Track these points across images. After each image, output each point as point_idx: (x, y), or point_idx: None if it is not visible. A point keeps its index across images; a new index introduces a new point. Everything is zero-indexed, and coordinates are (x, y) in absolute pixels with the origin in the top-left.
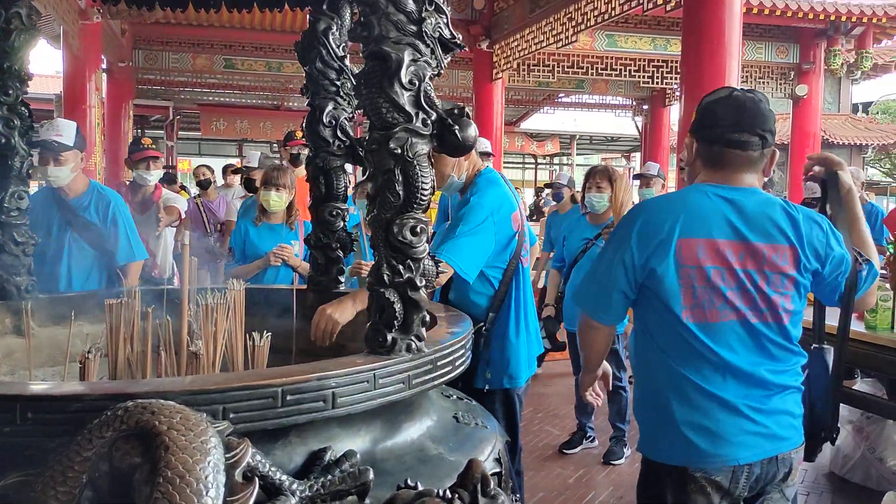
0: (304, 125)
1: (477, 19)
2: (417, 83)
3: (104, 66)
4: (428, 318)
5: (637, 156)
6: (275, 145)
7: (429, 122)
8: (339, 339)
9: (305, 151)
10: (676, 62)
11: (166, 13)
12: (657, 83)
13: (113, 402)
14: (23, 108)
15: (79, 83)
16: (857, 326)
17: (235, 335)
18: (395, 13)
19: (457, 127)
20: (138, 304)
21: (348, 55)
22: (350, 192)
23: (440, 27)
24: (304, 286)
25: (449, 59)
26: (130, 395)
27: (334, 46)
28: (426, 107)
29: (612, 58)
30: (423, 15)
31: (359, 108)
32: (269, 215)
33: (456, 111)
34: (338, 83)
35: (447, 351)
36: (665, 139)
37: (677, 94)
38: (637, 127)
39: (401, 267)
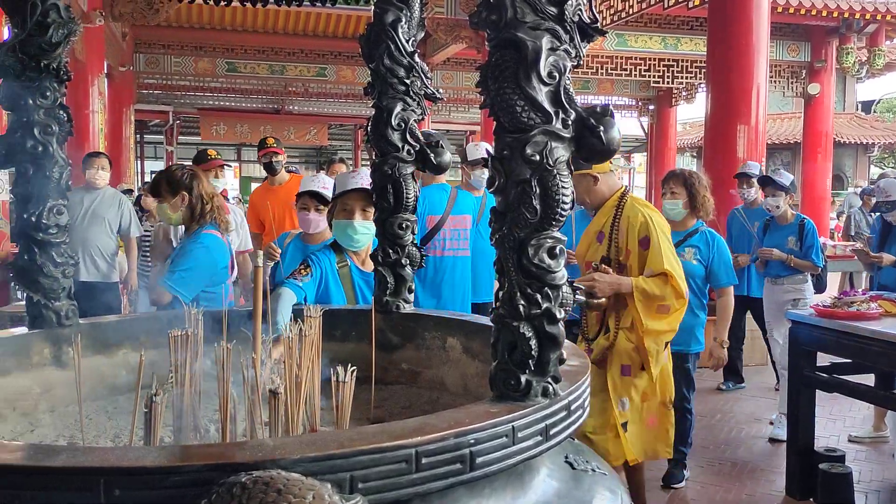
0: (368, 128)
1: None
2: (557, 76)
3: (105, 70)
4: (565, 356)
5: (637, 156)
6: None
7: (569, 122)
8: (405, 365)
9: (279, 158)
10: (686, 61)
11: (168, 16)
12: (667, 82)
13: (219, 473)
14: (62, 113)
15: (81, 88)
16: None
17: (313, 368)
18: None
19: (601, 128)
20: (202, 334)
21: (418, 51)
22: None
23: (580, 10)
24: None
25: (586, 48)
26: (239, 464)
27: (403, 41)
28: (566, 105)
29: (622, 57)
30: None
31: (483, 107)
32: None
33: (599, 109)
34: (407, 82)
35: (581, 390)
36: (672, 139)
37: (684, 93)
38: (642, 127)
39: (538, 296)
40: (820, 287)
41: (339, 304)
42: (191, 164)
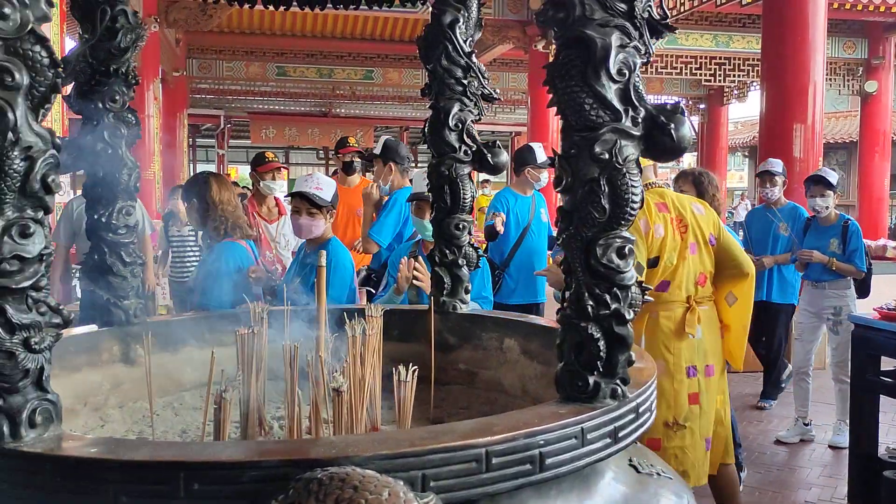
0: (426, 129)
1: (533, 20)
2: (627, 74)
3: (160, 75)
4: (634, 357)
5: (687, 156)
6: (321, 152)
7: (639, 120)
8: (463, 366)
9: (358, 159)
10: (739, 59)
11: (220, 21)
12: (718, 81)
13: (295, 468)
14: (130, 116)
15: (137, 93)
16: None
17: (375, 367)
18: None
19: (671, 125)
20: (266, 331)
21: (475, 51)
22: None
23: (650, 6)
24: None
25: (656, 44)
26: (315, 460)
27: (461, 41)
28: (636, 102)
29: (672, 56)
30: None
31: (550, 105)
32: None
33: (669, 107)
34: (464, 82)
35: (648, 392)
36: (723, 138)
37: (736, 92)
38: (693, 126)
39: (606, 296)
40: (863, 292)
41: None
42: (250, 166)
